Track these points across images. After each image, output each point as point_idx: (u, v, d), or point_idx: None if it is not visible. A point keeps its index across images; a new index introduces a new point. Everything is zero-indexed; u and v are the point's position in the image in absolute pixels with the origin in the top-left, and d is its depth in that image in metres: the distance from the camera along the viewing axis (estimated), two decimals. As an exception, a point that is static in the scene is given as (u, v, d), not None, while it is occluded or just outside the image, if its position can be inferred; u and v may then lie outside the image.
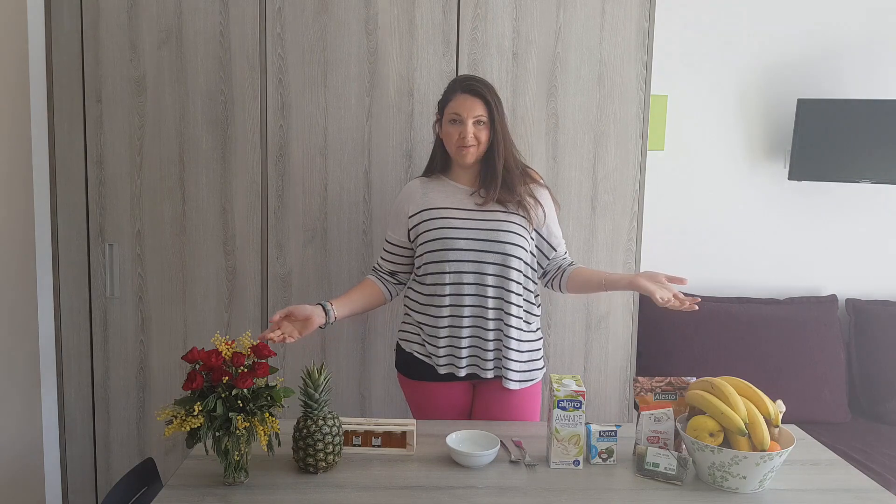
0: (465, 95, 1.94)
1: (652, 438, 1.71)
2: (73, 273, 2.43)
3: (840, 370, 2.86)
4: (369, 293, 2.07)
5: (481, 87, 1.94)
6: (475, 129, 1.93)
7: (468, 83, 1.96)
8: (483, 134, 1.94)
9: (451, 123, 1.94)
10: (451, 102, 1.95)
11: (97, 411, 2.48)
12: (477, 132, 1.93)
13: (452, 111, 1.94)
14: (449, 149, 1.98)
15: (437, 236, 1.96)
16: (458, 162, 1.99)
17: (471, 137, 1.92)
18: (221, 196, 2.41)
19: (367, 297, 2.07)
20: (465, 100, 1.93)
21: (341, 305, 1.99)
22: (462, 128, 1.92)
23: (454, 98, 1.95)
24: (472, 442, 1.74)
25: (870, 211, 3.08)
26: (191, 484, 1.58)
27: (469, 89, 1.94)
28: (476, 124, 1.93)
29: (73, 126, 2.38)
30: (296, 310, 1.89)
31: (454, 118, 1.94)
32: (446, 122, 1.96)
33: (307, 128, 2.39)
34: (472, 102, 1.93)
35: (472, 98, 1.93)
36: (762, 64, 3.00)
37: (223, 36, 2.35)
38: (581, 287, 2.03)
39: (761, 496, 1.57)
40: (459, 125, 1.93)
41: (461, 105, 1.93)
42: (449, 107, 1.95)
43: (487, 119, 1.94)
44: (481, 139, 1.94)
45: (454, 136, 1.94)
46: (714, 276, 3.10)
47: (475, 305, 1.97)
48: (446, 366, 2.01)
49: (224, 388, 1.51)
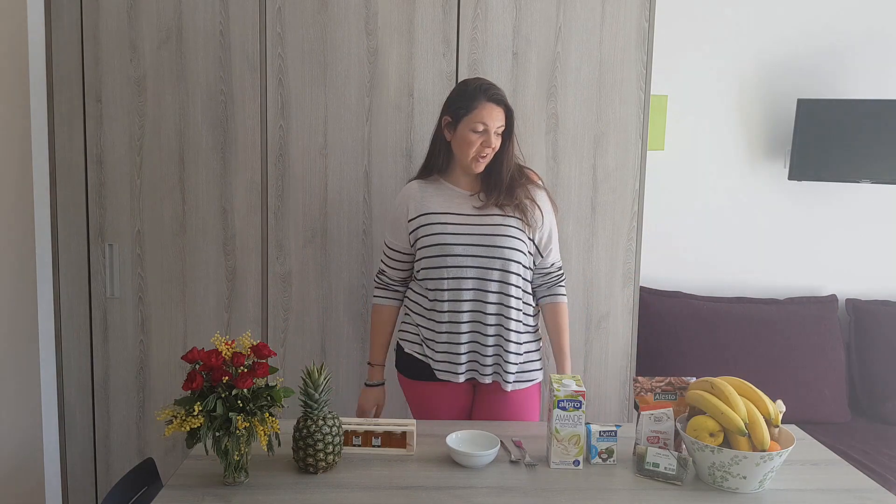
0: (491, 105, 1.89)
1: (652, 438, 1.71)
2: (73, 273, 2.43)
3: (840, 370, 2.86)
4: (395, 321, 2.11)
5: (503, 95, 1.92)
6: (496, 140, 1.91)
7: (493, 92, 1.91)
8: (498, 143, 1.93)
9: (474, 132, 1.89)
10: (477, 111, 1.89)
11: (97, 411, 2.48)
12: (496, 142, 1.92)
13: (479, 120, 1.88)
14: (462, 155, 1.93)
15: (435, 241, 1.94)
16: (469, 169, 1.95)
17: (493, 148, 1.90)
18: (221, 196, 2.41)
19: (394, 327, 2.11)
20: (492, 110, 1.89)
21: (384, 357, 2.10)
22: (486, 137, 1.89)
23: (480, 107, 1.89)
24: (472, 442, 1.74)
25: (870, 211, 3.08)
26: (191, 484, 1.58)
27: (495, 98, 1.90)
28: (496, 134, 1.91)
29: (73, 126, 2.38)
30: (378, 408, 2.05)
31: (478, 128, 1.89)
32: (466, 130, 1.90)
33: (307, 128, 2.39)
34: (498, 113, 1.90)
35: (497, 108, 1.90)
36: (762, 64, 3.00)
37: (223, 36, 2.35)
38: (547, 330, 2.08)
39: (761, 496, 1.57)
40: (483, 135, 1.89)
41: (489, 115, 1.88)
42: (473, 115, 1.89)
43: (506, 127, 1.93)
44: (496, 148, 1.93)
45: (475, 144, 1.90)
46: (714, 276, 3.10)
47: (474, 311, 1.96)
48: (445, 372, 2.00)
49: (224, 388, 1.51)
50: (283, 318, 2.46)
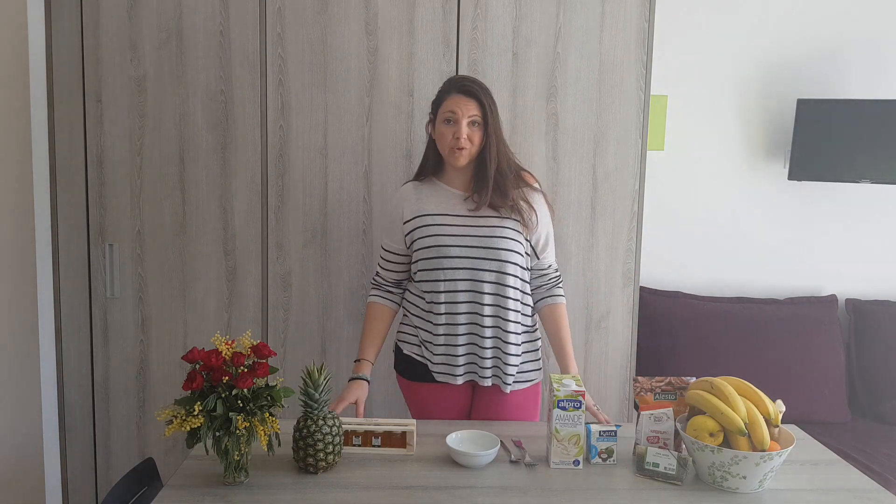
0: (459, 95, 1.91)
1: (652, 438, 1.71)
2: (73, 273, 2.43)
3: (840, 370, 2.86)
4: (388, 321, 2.08)
5: (476, 88, 1.92)
6: (469, 130, 1.89)
7: (463, 83, 1.93)
8: (476, 135, 1.91)
9: (446, 123, 1.91)
10: (446, 102, 1.92)
11: (97, 411, 2.48)
12: (471, 133, 1.90)
13: (447, 110, 1.91)
14: (442, 150, 1.94)
15: (431, 244, 1.93)
16: (451, 164, 1.95)
17: (465, 138, 1.89)
18: (221, 196, 2.41)
19: (387, 326, 2.07)
20: (460, 99, 1.90)
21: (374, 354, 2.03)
22: (456, 128, 1.89)
23: (448, 97, 1.92)
24: (472, 442, 1.73)
25: (870, 211, 3.08)
26: (191, 484, 1.58)
27: (464, 89, 1.91)
28: (470, 125, 1.90)
29: (73, 126, 2.38)
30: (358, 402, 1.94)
31: (448, 117, 1.90)
32: (440, 122, 1.93)
33: (307, 128, 2.39)
34: (467, 102, 1.90)
35: (466, 98, 1.90)
36: (762, 64, 3.00)
37: (223, 36, 2.35)
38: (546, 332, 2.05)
39: (761, 496, 1.57)
40: (454, 125, 1.90)
41: (456, 104, 1.90)
42: (443, 106, 1.92)
43: (481, 120, 1.91)
44: (474, 140, 1.91)
45: (448, 136, 1.90)
46: (714, 276, 3.10)
47: (471, 313, 1.95)
48: (443, 374, 2.00)
49: (224, 388, 1.51)
50: (283, 318, 2.46)
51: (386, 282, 2.08)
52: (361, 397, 1.94)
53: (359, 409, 1.92)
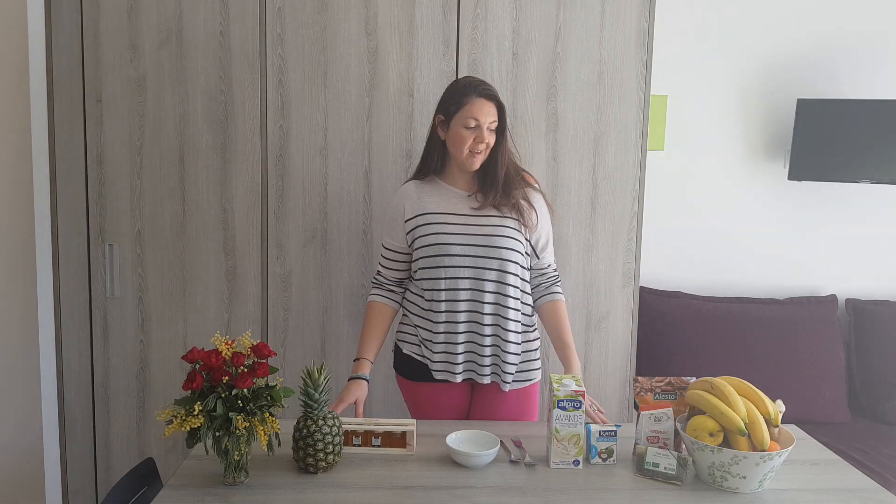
0: (482, 100, 1.90)
1: (652, 438, 1.71)
2: (73, 273, 2.43)
3: (840, 370, 2.86)
4: (389, 320, 2.06)
5: (495, 92, 1.93)
6: (489, 135, 1.91)
7: (484, 88, 1.92)
8: (492, 139, 1.93)
9: (466, 129, 1.90)
10: (468, 107, 1.89)
11: (97, 411, 2.48)
12: (490, 138, 1.92)
13: (470, 116, 1.89)
14: (456, 153, 1.93)
15: (432, 242, 1.94)
16: (465, 167, 1.95)
17: (486, 143, 1.90)
18: (221, 196, 2.41)
19: (387, 325, 2.06)
20: (483, 105, 1.89)
21: (373, 353, 2.01)
22: (479, 132, 1.89)
23: (470, 102, 1.89)
24: (472, 442, 1.73)
25: (870, 211, 3.08)
26: (191, 484, 1.58)
27: (486, 94, 1.91)
28: (489, 130, 1.91)
29: (73, 126, 2.38)
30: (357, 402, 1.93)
31: (471, 123, 1.89)
32: (459, 127, 1.91)
33: (307, 128, 2.39)
34: (489, 108, 1.90)
35: (488, 103, 1.90)
36: (762, 64, 3.00)
37: (223, 36, 2.35)
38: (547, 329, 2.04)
39: (761, 496, 1.57)
40: (476, 130, 1.90)
41: (479, 110, 1.89)
42: (464, 111, 1.90)
43: (498, 124, 1.93)
44: (490, 144, 1.93)
45: (468, 140, 1.90)
46: (714, 276, 3.10)
47: (471, 311, 1.96)
48: (442, 372, 2.00)
49: (224, 388, 1.51)
50: (283, 318, 2.46)
51: (387, 280, 2.07)
52: (361, 397, 1.94)
53: (358, 409, 1.92)
